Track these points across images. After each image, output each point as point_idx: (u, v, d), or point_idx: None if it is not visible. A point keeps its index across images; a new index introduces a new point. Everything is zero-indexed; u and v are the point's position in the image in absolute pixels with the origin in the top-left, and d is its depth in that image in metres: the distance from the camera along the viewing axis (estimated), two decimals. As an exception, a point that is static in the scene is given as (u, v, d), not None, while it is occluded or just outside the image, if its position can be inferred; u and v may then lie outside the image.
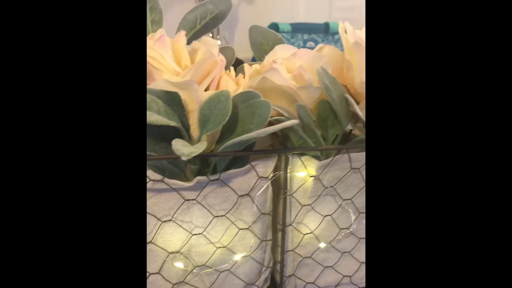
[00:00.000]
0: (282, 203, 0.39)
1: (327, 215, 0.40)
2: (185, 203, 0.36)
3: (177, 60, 0.38)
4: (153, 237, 0.36)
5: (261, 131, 0.32)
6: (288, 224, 0.40)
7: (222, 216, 0.37)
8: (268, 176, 0.37)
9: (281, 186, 0.39)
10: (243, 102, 0.36)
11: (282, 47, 0.41)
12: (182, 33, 0.39)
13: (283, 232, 0.40)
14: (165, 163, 0.35)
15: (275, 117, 0.36)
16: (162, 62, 0.36)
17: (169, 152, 0.34)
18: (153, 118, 0.31)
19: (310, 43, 0.96)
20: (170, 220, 0.36)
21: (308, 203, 0.39)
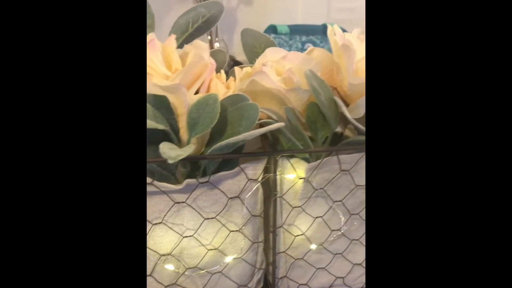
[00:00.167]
0: (273, 205, 0.39)
1: (318, 217, 0.40)
2: (176, 206, 0.36)
3: (168, 64, 0.38)
4: (144, 240, 0.36)
5: (248, 134, 0.32)
6: (279, 226, 0.40)
7: (213, 219, 0.37)
8: (258, 179, 0.37)
9: (272, 189, 0.39)
10: (232, 105, 0.36)
11: (273, 50, 0.41)
12: (172, 37, 0.39)
13: (274, 234, 0.40)
14: (155, 166, 0.36)
15: (264, 120, 0.37)
16: (152, 66, 0.36)
17: (158, 156, 0.34)
18: (141, 122, 0.32)
19: (308, 45, 0.96)
20: (161, 223, 0.36)
21: (299, 205, 0.39)
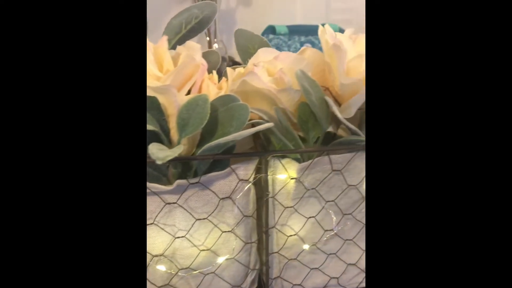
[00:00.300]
0: (265, 206, 0.39)
1: (311, 217, 0.40)
2: (167, 207, 0.36)
3: (159, 65, 0.39)
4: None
5: (237, 134, 0.32)
6: (272, 226, 0.40)
7: (205, 219, 0.37)
8: (249, 179, 0.37)
9: (264, 189, 0.39)
10: (223, 106, 0.36)
11: (265, 51, 0.41)
12: (164, 38, 0.39)
13: (267, 234, 0.40)
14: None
15: (255, 120, 0.37)
16: (143, 67, 0.37)
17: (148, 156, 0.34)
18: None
19: (307, 45, 0.96)
20: (153, 224, 0.36)
21: (291, 205, 0.39)
